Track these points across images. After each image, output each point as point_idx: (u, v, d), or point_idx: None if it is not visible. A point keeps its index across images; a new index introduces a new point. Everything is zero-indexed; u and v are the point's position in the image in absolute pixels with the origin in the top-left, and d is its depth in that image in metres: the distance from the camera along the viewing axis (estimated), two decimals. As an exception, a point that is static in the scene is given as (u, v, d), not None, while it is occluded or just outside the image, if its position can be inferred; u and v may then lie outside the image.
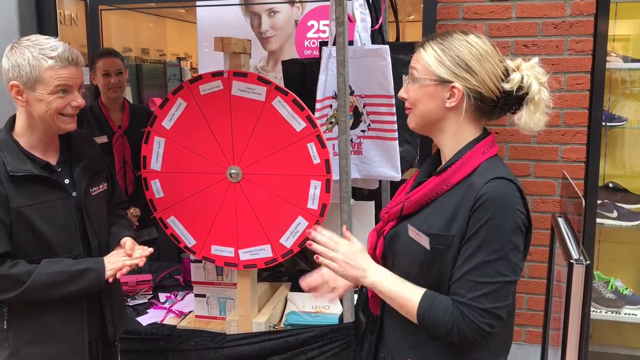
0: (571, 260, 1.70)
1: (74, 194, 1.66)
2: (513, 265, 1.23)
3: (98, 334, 1.76)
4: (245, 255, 1.88)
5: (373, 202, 2.29)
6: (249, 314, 1.96)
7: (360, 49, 1.85)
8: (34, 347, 1.61)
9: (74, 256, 1.64)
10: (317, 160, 1.76)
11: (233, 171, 1.84)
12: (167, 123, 1.87)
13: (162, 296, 2.40)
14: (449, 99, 1.30)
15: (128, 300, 2.36)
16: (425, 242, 1.30)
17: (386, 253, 1.43)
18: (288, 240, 1.84)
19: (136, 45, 5.82)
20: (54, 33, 3.92)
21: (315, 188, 1.78)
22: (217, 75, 1.79)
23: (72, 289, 1.60)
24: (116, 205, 1.89)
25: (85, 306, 1.69)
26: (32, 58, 1.53)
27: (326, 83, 1.83)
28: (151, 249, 1.74)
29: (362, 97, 1.89)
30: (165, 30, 6.98)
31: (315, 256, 1.37)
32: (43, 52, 1.54)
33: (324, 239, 1.37)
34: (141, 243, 1.96)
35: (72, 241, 1.64)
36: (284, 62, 2.10)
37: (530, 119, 1.29)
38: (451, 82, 1.28)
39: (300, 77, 1.98)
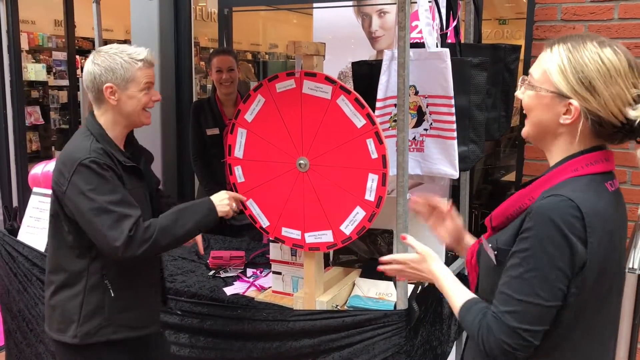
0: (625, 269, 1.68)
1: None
2: (553, 289, 1.14)
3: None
4: (310, 238, 2.07)
5: (444, 200, 2.36)
6: (313, 292, 2.14)
7: (424, 52, 1.94)
8: (124, 314, 1.92)
9: None
10: (374, 155, 1.89)
11: (302, 162, 2.03)
12: (248, 116, 2.11)
13: (250, 272, 2.67)
14: (564, 114, 1.20)
15: (220, 272, 2.66)
16: (492, 256, 1.28)
17: (478, 263, 1.41)
18: (347, 227, 2.00)
19: (264, 41, 6.20)
20: (188, 29, 4.39)
21: (372, 181, 1.91)
22: (290, 75, 1.99)
23: (192, 221, 1.87)
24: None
25: (159, 282, 2.08)
26: (123, 62, 1.82)
27: (388, 83, 1.95)
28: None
29: (426, 97, 1.98)
30: (295, 25, 7.31)
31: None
32: (131, 56, 1.84)
33: (387, 267, 1.54)
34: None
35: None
36: (353, 64, 2.24)
37: None
38: (569, 97, 1.18)
39: (368, 77, 2.12)
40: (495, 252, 1.27)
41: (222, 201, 1.97)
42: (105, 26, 7.24)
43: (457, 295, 1.35)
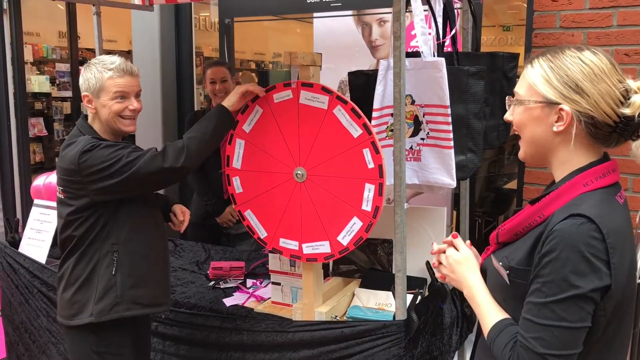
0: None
1: None
2: (578, 311, 1.11)
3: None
4: (307, 249, 2.06)
5: (445, 209, 2.36)
6: (312, 303, 2.13)
7: (420, 61, 1.94)
8: (134, 290, 2.01)
9: (159, 214, 2.14)
10: (371, 165, 1.89)
11: (299, 172, 2.02)
12: (246, 127, 2.11)
13: (249, 282, 2.66)
14: (556, 122, 1.19)
15: (220, 283, 2.66)
16: (504, 275, 1.26)
17: (485, 277, 1.39)
18: (344, 238, 1.99)
19: (268, 50, 6.20)
20: (189, 39, 4.42)
21: (369, 191, 1.90)
22: (287, 85, 1.99)
23: (214, 123, 1.97)
24: None
25: (168, 262, 2.17)
26: (96, 72, 1.93)
27: (384, 93, 1.95)
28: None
29: (422, 107, 1.98)
30: (299, 35, 7.32)
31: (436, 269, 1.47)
32: (104, 66, 1.93)
33: (435, 248, 1.46)
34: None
35: (157, 204, 2.13)
36: (349, 74, 2.24)
37: None
38: (559, 103, 1.17)
39: (365, 87, 2.12)
40: (508, 272, 1.25)
41: (230, 100, 2.03)
42: (108, 37, 7.31)
43: (489, 312, 1.29)
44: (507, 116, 1.30)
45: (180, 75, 4.49)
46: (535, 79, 1.21)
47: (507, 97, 1.31)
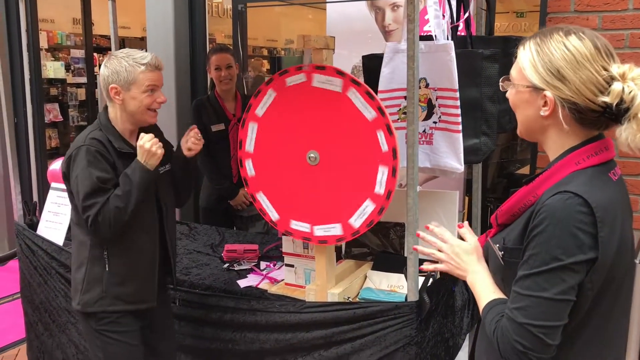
0: (635, 260, 1.68)
1: None
2: (559, 282, 1.12)
3: (161, 279, 2.20)
4: (318, 231, 2.09)
5: (457, 192, 2.37)
6: (324, 284, 2.16)
7: (432, 44, 1.95)
8: (119, 287, 2.06)
9: (152, 217, 2.09)
10: (385, 147, 1.90)
11: (312, 155, 2.04)
12: (259, 110, 2.13)
13: (263, 264, 2.70)
14: (543, 106, 1.20)
15: (234, 265, 2.70)
16: (499, 256, 1.28)
17: (485, 260, 1.40)
18: (357, 220, 2.01)
19: (281, 37, 6.18)
20: (202, 25, 4.43)
21: (382, 174, 1.92)
22: (300, 69, 2.00)
23: (135, 185, 1.95)
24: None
25: (157, 261, 2.13)
26: (127, 65, 1.96)
27: (392, 75, 1.96)
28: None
29: (435, 90, 1.99)
30: (311, 21, 7.30)
31: (420, 266, 1.46)
32: (135, 60, 1.97)
33: (432, 238, 1.44)
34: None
35: (151, 206, 2.08)
36: (364, 57, 2.25)
37: (633, 137, 1.13)
38: (543, 89, 1.19)
39: (379, 70, 2.12)
40: (502, 252, 1.27)
41: (145, 155, 1.97)
42: (122, 24, 7.33)
43: (485, 292, 1.31)
44: (507, 95, 1.32)
45: (194, 61, 4.51)
46: (524, 62, 1.22)
47: (501, 79, 1.33)
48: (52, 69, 6.61)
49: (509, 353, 1.17)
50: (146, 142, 1.96)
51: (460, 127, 1.92)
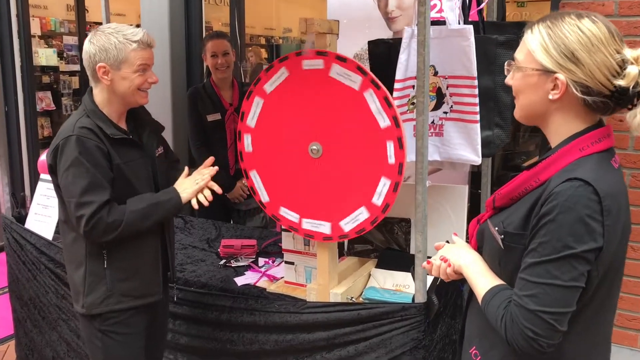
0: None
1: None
2: (570, 270, 1.13)
3: (163, 275, 2.08)
4: (307, 224, 1.98)
5: (466, 187, 2.26)
6: (326, 283, 2.05)
7: (445, 29, 1.82)
8: (125, 283, 1.92)
9: None
10: (392, 160, 1.78)
11: (314, 147, 1.92)
12: (268, 87, 1.99)
13: (261, 261, 2.59)
14: (552, 90, 1.20)
15: (231, 261, 2.58)
16: (499, 239, 1.27)
17: (479, 244, 1.42)
18: (347, 225, 1.91)
19: (278, 25, 6.05)
20: (199, 13, 4.30)
21: (383, 185, 1.80)
22: (321, 54, 1.86)
23: (159, 217, 1.88)
24: (172, 162, 2.17)
25: (159, 251, 2.00)
26: (117, 42, 1.78)
27: (408, 63, 1.83)
28: (216, 167, 2.00)
29: (446, 78, 1.86)
30: (310, 9, 7.19)
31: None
32: (126, 37, 1.78)
33: (435, 270, 1.44)
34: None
35: (150, 192, 1.94)
36: (369, 42, 2.12)
37: None
38: (555, 72, 1.18)
39: (386, 56, 2.00)
40: (502, 236, 1.26)
41: (185, 191, 1.95)
42: (117, 11, 7.17)
43: (485, 279, 1.31)
44: (508, 80, 1.30)
45: (190, 49, 4.39)
46: (534, 45, 1.21)
47: (506, 62, 1.31)
48: (45, 56, 6.45)
49: (518, 339, 1.17)
50: (201, 182, 1.92)
51: (477, 117, 1.80)
